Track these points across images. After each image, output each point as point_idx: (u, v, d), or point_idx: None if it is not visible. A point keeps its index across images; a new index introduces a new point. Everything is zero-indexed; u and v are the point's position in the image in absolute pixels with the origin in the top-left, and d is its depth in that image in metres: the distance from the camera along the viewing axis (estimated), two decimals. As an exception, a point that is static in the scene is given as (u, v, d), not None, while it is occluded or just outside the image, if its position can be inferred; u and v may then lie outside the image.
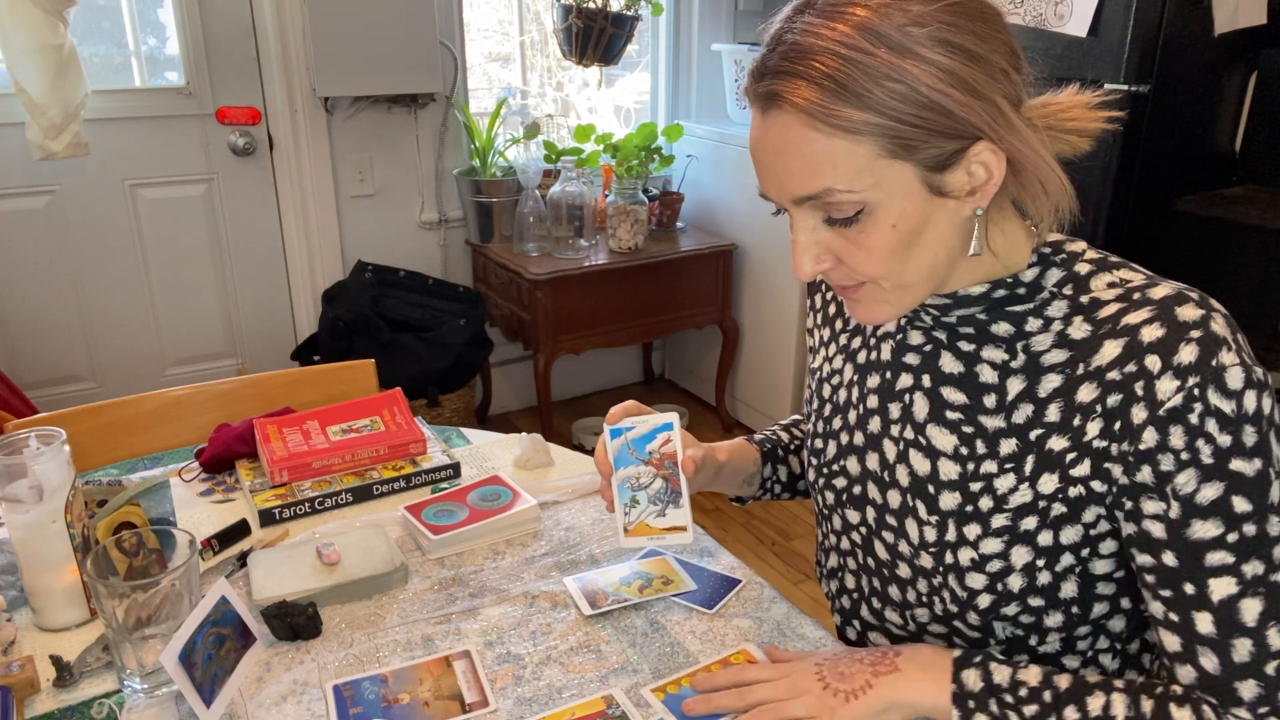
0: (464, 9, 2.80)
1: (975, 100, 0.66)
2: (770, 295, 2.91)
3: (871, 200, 0.68)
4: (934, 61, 0.65)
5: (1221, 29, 1.91)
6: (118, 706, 0.82)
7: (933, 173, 0.68)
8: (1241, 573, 0.67)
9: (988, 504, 0.77)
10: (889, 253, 0.71)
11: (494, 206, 2.82)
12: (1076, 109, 0.77)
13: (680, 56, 3.19)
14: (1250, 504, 0.67)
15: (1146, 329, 0.69)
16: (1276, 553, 0.67)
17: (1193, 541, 0.68)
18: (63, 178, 2.47)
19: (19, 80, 2.18)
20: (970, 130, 0.67)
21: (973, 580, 0.78)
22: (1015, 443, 0.76)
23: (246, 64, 2.60)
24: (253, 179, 2.70)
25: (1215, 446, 0.66)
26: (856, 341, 0.92)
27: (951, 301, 0.77)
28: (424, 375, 2.56)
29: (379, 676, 0.85)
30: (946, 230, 0.71)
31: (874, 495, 0.86)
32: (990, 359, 0.78)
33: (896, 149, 0.66)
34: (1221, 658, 0.69)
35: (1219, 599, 0.68)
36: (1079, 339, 0.73)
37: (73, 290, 2.57)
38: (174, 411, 1.41)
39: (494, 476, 1.18)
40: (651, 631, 0.92)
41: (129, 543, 0.88)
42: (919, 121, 0.65)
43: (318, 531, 1.08)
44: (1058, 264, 0.77)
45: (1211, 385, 0.66)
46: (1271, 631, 0.67)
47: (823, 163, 0.67)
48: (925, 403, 0.82)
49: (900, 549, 0.84)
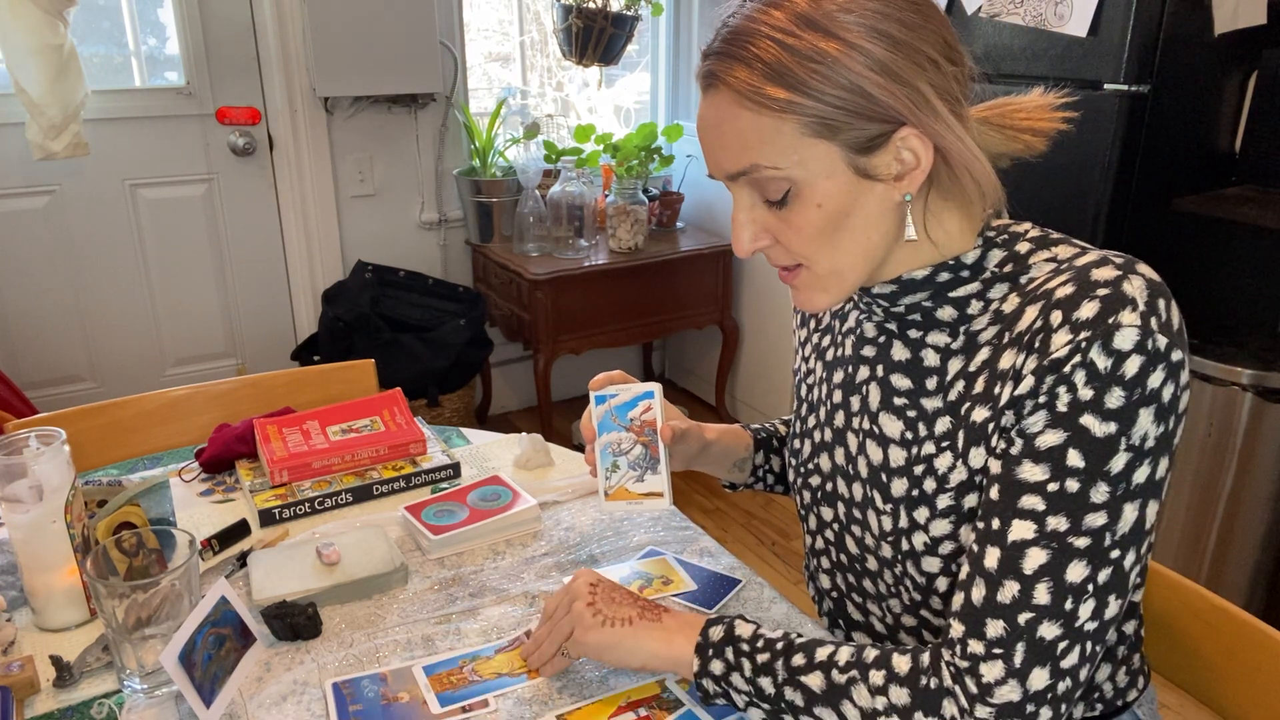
0: (464, 9, 2.80)
1: (897, 85, 0.68)
2: (770, 295, 2.90)
3: (797, 178, 0.71)
4: (858, 46, 0.68)
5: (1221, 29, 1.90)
6: (118, 706, 0.82)
7: (857, 155, 0.70)
8: (1044, 522, 0.67)
9: (931, 485, 0.77)
10: (817, 232, 0.73)
11: (494, 206, 2.82)
12: (1033, 109, 0.78)
13: (680, 56, 3.19)
14: (1084, 461, 0.66)
15: (1061, 289, 0.69)
16: (1087, 518, 0.66)
17: (1016, 480, 0.68)
18: (63, 178, 2.47)
19: (19, 80, 2.18)
20: (892, 114, 0.69)
21: (928, 564, 0.79)
22: (949, 420, 0.77)
23: (246, 64, 2.60)
24: (253, 179, 2.70)
25: (1074, 397, 0.66)
26: (826, 340, 0.94)
27: (898, 287, 0.78)
28: (424, 375, 2.56)
29: (379, 675, 0.85)
30: (876, 214, 0.73)
31: (842, 490, 0.87)
32: (934, 343, 0.79)
33: (820, 129, 0.69)
34: (989, 592, 0.69)
35: (1013, 539, 0.68)
36: (1009, 312, 0.74)
37: (73, 290, 2.57)
38: (174, 411, 1.41)
39: (494, 476, 1.18)
40: (651, 631, 0.92)
41: (129, 543, 0.88)
42: (839, 103, 0.68)
43: (318, 531, 1.08)
44: (999, 244, 0.77)
45: (1099, 340, 0.65)
46: (1041, 586, 0.67)
47: (750, 140, 0.71)
48: (878, 392, 0.83)
49: (866, 541, 0.85)
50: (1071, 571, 0.66)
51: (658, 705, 0.82)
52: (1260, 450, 1.89)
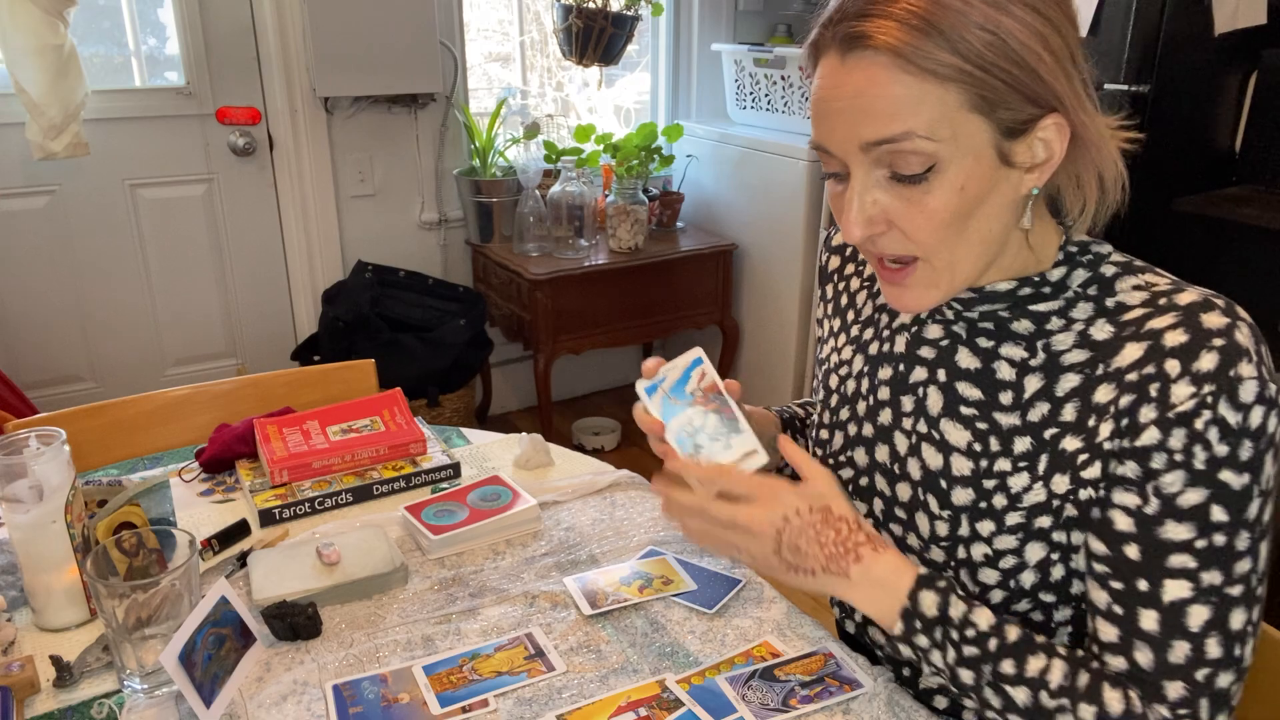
0: (464, 9, 2.80)
1: (1061, 69, 0.67)
2: (770, 295, 2.90)
3: (944, 155, 0.67)
4: (1026, 21, 0.65)
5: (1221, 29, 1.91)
6: (118, 706, 0.82)
7: (1005, 138, 0.68)
8: (1199, 579, 0.68)
9: (1001, 501, 0.77)
10: (950, 218, 0.69)
11: (494, 206, 2.82)
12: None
13: (680, 56, 3.19)
14: (1227, 515, 0.67)
15: (1170, 334, 0.69)
16: (1237, 566, 0.68)
17: (1161, 540, 0.69)
18: (63, 178, 2.47)
19: (19, 80, 2.18)
20: (1050, 99, 0.67)
21: (985, 576, 0.78)
22: (1030, 441, 0.76)
23: (246, 64, 2.60)
24: (253, 179, 2.70)
25: (1211, 454, 0.66)
26: (869, 333, 0.91)
27: (977, 296, 0.77)
28: (424, 375, 2.56)
29: (379, 676, 0.85)
30: (1005, 204, 0.70)
31: (882, 487, 0.86)
32: (1009, 356, 0.78)
33: (980, 102, 0.66)
34: (1157, 655, 0.69)
35: (1170, 600, 0.68)
36: (1101, 340, 0.73)
37: (73, 290, 2.57)
38: (174, 411, 1.41)
39: (494, 476, 1.18)
40: (651, 631, 0.92)
41: (129, 543, 0.88)
42: (1006, 77, 0.65)
43: (318, 531, 1.08)
44: (1084, 264, 0.76)
45: (1224, 395, 0.66)
46: (1211, 640, 0.68)
47: (905, 105, 0.66)
48: (940, 397, 0.81)
49: (909, 542, 0.84)
50: (1234, 620, 0.68)
51: (658, 705, 0.82)
52: (1260, 450, 1.88)
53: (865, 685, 0.84)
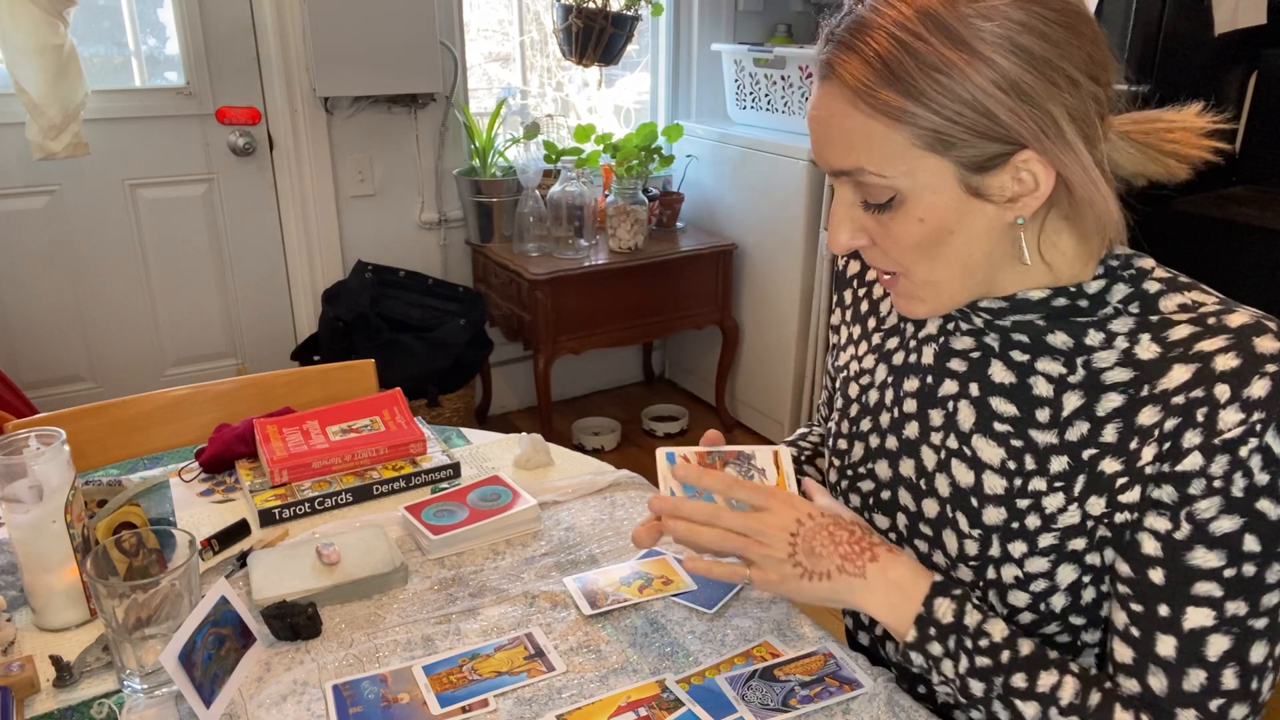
0: (464, 9, 2.80)
1: (1025, 107, 0.64)
2: (770, 295, 2.91)
3: (902, 188, 0.67)
4: (990, 60, 0.63)
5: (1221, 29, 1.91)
6: (118, 706, 0.82)
7: (972, 173, 0.66)
8: (1224, 609, 0.66)
9: (1035, 522, 0.74)
10: (915, 245, 0.70)
11: (494, 206, 2.82)
12: (1182, 131, 0.73)
13: (680, 56, 3.19)
14: (1260, 545, 0.65)
15: (1221, 357, 0.66)
16: (1264, 599, 0.66)
17: (1188, 566, 0.67)
18: (63, 178, 2.47)
19: (19, 80, 2.18)
20: (1015, 137, 0.64)
21: (1015, 598, 0.76)
22: (1066, 460, 0.73)
23: (246, 64, 2.60)
24: (253, 179, 2.70)
25: (1251, 482, 0.64)
26: (893, 342, 0.88)
27: (1009, 305, 0.74)
28: (424, 375, 2.56)
29: (379, 677, 0.85)
30: (981, 234, 0.69)
31: (906, 502, 0.84)
32: (1046, 371, 0.75)
33: (934, 142, 0.65)
34: (1171, 682, 0.68)
35: (1190, 627, 0.67)
36: (1146, 360, 0.70)
37: (73, 290, 2.57)
38: (174, 411, 1.41)
39: (494, 476, 1.18)
40: (651, 631, 0.92)
41: (129, 543, 0.88)
42: (959, 119, 0.64)
43: (318, 531, 1.08)
44: (1125, 279, 0.73)
45: (1275, 423, 0.63)
46: (1228, 671, 0.67)
47: (858, 141, 0.67)
48: (972, 412, 0.79)
49: (935, 559, 0.81)
50: (1255, 653, 0.67)
51: (658, 705, 0.82)
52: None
53: (865, 685, 0.84)
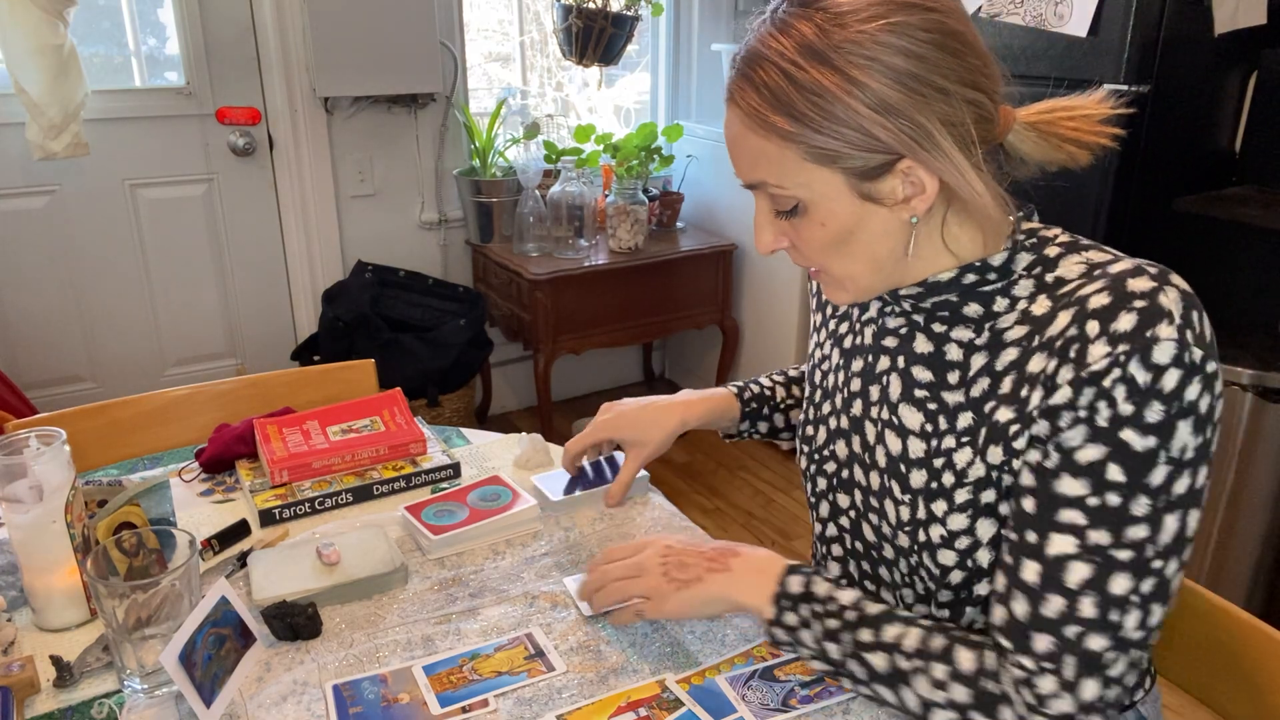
0: (464, 9, 2.80)
1: (898, 121, 0.69)
2: (770, 295, 2.91)
3: (803, 197, 0.74)
4: (860, 83, 0.69)
5: (1221, 29, 1.91)
6: (118, 706, 0.82)
7: (861, 181, 0.72)
8: (1085, 536, 0.68)
9: (950, 479, 0.78)
10: (822, 247, 0.77)
11: (494, 206, 2.82)
12: (1081, 118, 0.77)
13: (680, 56, 3.19)
14: (1125, 476, 0.67)
15: (1095, 297, 0.69)
16: (1129, 531, 0.67)
17: (1055, 494, 0.69)
18: (63, 178, 2.47)
19: (19, 80, 2.18)
20: (893, 148, 0.70)
21: (944, 557, 0.79)
22: (971, 416, 0.77)
23: (246, 64, 2.60)
24: (253, 179, 2.70)
25: (1114, 412, 0.66)
26: (844, 327, 0.94)
27: (924, 289, 0.79)
28: (424, 375, 2.56)
29: (379, 677, 0.85)
30: (881, 233, 0.75)
31: (859, 478, 0.88)
32: (958, 338, 0.80)
33: (821, 157, 0.72)
34: (1032, 607, 0.70)
35: (1053, 554, 0.69)
36: (1039, 314, 0.74)
37: (73, 290, 2.57)
38: (174, 411, 1.41)
39: (494, 476, 1.18)
40: (651, 631, 0.92)
41: (129, 543, 0.88)
42: (840, 137, 0.70)
43: (318, 531, 1.08)
44: (1028, 248, 0.78)
45: (1137, 355, 0.65)
46: (1086, 599, 0.68)
47: (758, 159, 0.74)
48: (899, 383, 0.84)
49: (883, 530, 0.85)
50: (1115, 584, 0.68)
51: (658, 705, 0.82)
52: (1260, 450, 1.89)
53: (865, 685, 0.84)
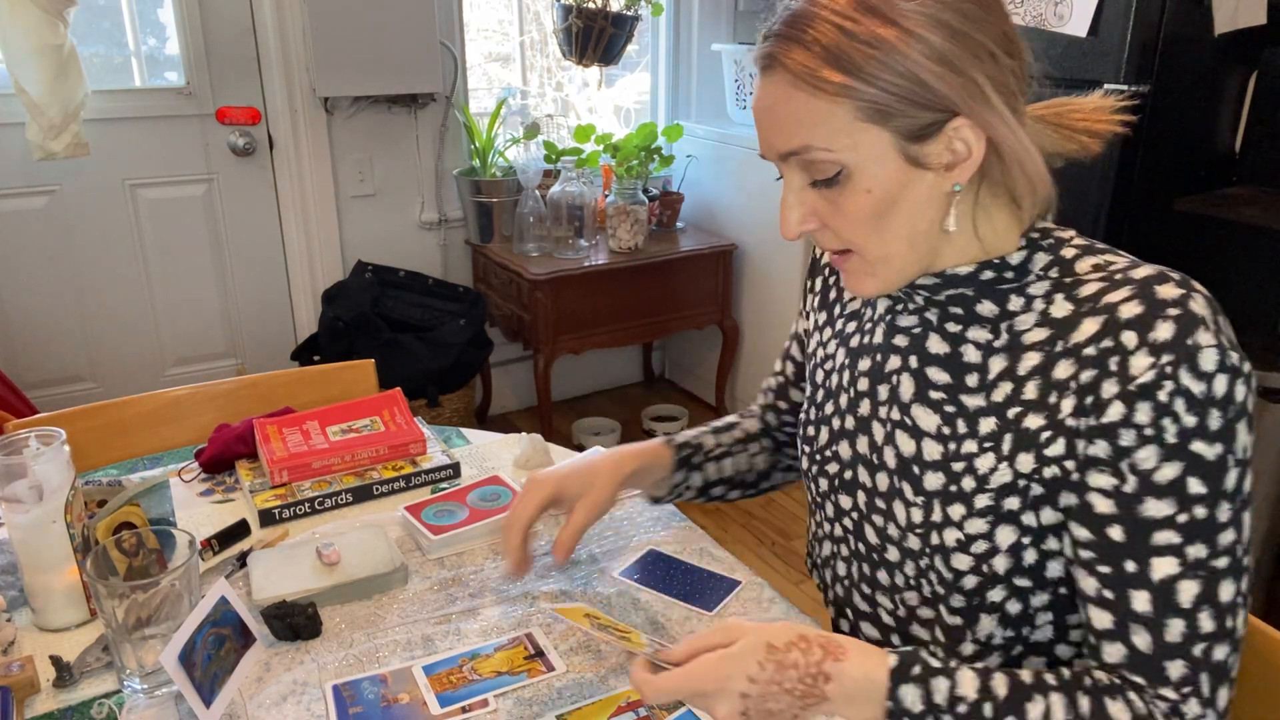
0: (464, 9, 2.80)
1: (953, 75, 0.69)
2: (770, 295, 2.90)
3: (848, 162, 0.71)
4: (916, 34, 0.68)
5: (1221, 29, 1.90)
6: (118, 706, 0.82)
7: (909, 142, 0.71)
8: (1185, 554, 0.68)
9: (970, 484, 0.77)
10: (865, 218, 0.74)
11: (494, 206, 2.82)
12: (1091, 110, 0.79)
13: (680, 56, 3.19)
14: (1205, 487, 0.67)
15: (1125, 306, 0.70)
16: (1220, 538, 0.68)
17: (1143, 519, 0.69)
18: (63, 178, 2.47)
19: (19, 80, 2.18)
20: (946, 104, 0.69)
21: (958, 561, 0.78)
22: (994, 421, 0.77)
23: (246, 64, 2.60)
24: (253, 179, 2.70)
25: (1180, 426, 0.67)
26: (851, 326, 0.93)
27: (941, 281, 0.79)
28: (424, 375, 2.56)
29: (378, 677, 0.85)
30: (923, 202, 0.73)
31: (864, 479, 0.87)
32: (975, 339, 0.79)
33: (873, 114, 0.70)
34: (1154, 636, 0.69)
35: (1159, 578, 0.68)
36: (1060, 317, 0.74)
37: (73, 290, 2.57)
38: (174, 411, 1.41)
39: (494, 476, 1.18)
40: (652, 632, 0.92)
41: (129, 543, 0.88)
42: (894, 89, 0.69)
43: (318, 531, 1.08)
44: (1044, 248, 0.77)
45: (1184, 364, 0.66)
46: (1203, 614, 0.68)
47: (804, 120, 0.71)
48: (911, 383, 0.83)
49: (889, 532, 0.84)
50: (1224, 591, 0.68)
51: (658, 705, 0.82)
52: (1260, 450, 1.89)
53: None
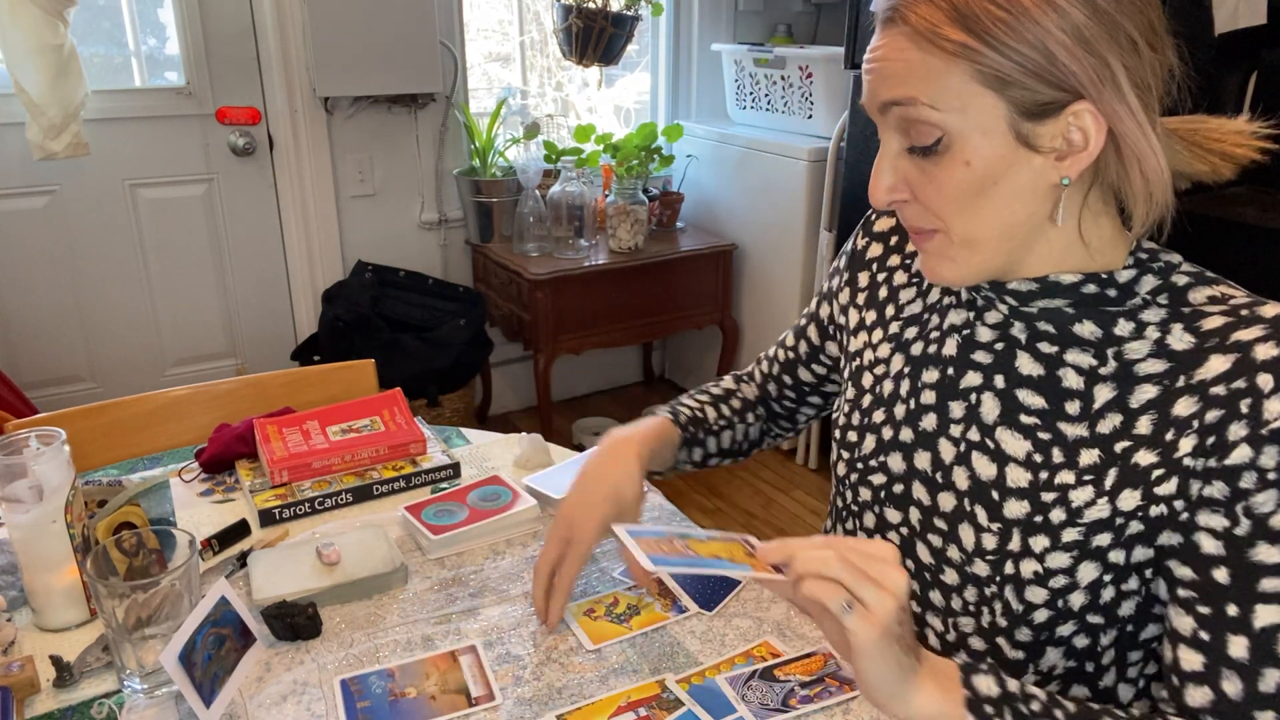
0: (464, 9, 2.80)
1: (1086, 54, 0.64)
2: (770, 295, 2.91)
3: (952, 127, 0.67)
4: (1056, 4, 0.64)
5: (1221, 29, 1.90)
6: (118, 706, 0.82)
7: (1023, 118, 0.66)
8: None
9: (1060, 516, 0.73)
10: (960, 193, 0.69)
11: (494, 206, 2.82)
12: (1228, 132, 0.74)
13: (680, 56, 3.19)
14: None
15: (1261, 346, 0.66)
16: None
17: (1253, 563, 0.66)
18: (63, 178, 2.47)
19: (19, 80, 2.18)
20: (1071, 82, 0.65)
21: (1032, 594, 0.75)
22: (1098, 454, 0.72)
23: (246, 64, 2.60)
24: (253, 179, 2.70)
25: None
26: (911, 331, 0.87)
27: (1039, 287, 0.74)
28: (424, 375, 2.56)
29: (385, 671, 0.85)
30: (1025, 189, 0.69)
31: (920, 496, 0.83)
32: (1076, 363, 0.74)
33: (990, 80, 0.65)
34: (1246, 684, 0.66)
35: (1262, 625, 0.65)
36: (1181, 350, 0.70)
37: (73, 290, 2.57)
38: (174, 411, 1.41)
39: (494, 476, 1.18)
40: (651, 631, 0.92)
41: (129, 543, 0.87)
42: (1019, 58, 0.64)
43: (318, 531, 1.08)
44: (1154, 271, 0.73)
45: None
46: None
47: (915, 72, 0.67)
48: (996, 404, 0.78)
49: (949, 554, 0.80)
50: None
51: (658, 705, 0.82)
52: None
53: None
